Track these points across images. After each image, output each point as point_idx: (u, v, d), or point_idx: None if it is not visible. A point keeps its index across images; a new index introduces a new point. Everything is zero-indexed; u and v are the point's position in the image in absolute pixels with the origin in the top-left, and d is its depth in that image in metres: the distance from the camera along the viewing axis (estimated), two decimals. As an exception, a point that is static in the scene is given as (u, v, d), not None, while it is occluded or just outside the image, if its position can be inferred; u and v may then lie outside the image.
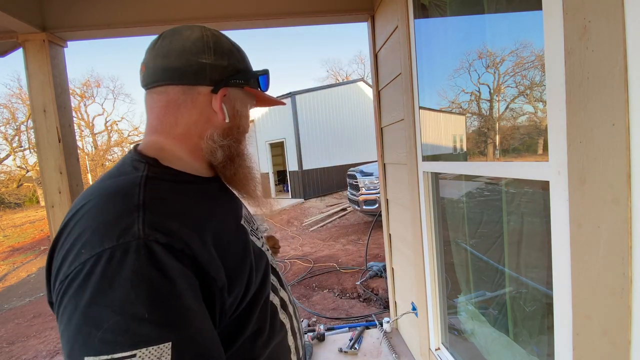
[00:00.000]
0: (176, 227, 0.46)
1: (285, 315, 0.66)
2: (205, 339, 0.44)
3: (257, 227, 0.71)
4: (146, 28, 1.99)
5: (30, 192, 23.82)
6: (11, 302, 5.59)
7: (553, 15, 0.74)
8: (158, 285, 0.41)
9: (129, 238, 0.42)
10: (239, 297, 0.52)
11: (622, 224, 0.59)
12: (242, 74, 0.63)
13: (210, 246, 0.49)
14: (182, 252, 0.45)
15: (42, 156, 1.91)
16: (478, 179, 1.56)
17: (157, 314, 0.40)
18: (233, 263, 0.52)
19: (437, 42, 1.59)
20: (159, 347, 0.39)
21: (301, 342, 0.72)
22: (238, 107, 0.63)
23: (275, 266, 0.71)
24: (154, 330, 0.39)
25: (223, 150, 0.61)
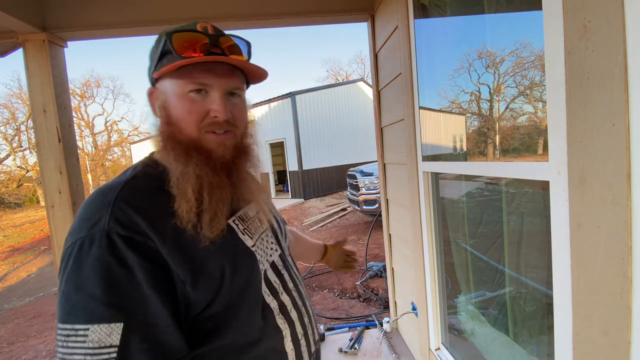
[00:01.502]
0: (139, 221, 0.50)
1: (284, 319, 0.64)
2: (157, 325, 0.48)
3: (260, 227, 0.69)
4: (146, 28, 1.99)
5: (30, 192, 23.81)
6: (11, 302, 5.59)
7: (553, 15, 0.74)
8: (114, 271, 0.47)
9: (96, 230, 0.48)
10: (210, 293, 0.54)
11: (622, 224, 0.59)
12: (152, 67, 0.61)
13: (171, 240, 0.52)
14: (142, 244, 0.49)
15: (42, 156, 1.91)
16: (478, 179, 1.56)
17: (110, 296, 0.46)
18: (197, 256, 0.54)
19: (437, 42, 1.59)
20: (109, 326, 0.45)
21: (308, 350, 0.69)
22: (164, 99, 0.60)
23: (281, 268, 0.69)
24: (107, 311, 0.46)
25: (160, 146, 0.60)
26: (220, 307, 0.56)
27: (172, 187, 0.56)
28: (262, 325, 0.60)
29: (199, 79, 0.57)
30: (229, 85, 0.60)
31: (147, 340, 0.47)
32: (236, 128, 0.63)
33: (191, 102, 0.58)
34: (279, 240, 0.73)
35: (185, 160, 0.57)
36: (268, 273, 0.65)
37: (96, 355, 0.44)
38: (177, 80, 0.57)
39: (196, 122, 0.58)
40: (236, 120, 0.62)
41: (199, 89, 0.58)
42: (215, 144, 0.59)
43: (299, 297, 0.70)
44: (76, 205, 1.98)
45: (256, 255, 0.63)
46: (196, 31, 0.57)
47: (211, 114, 0.58)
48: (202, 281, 0.53)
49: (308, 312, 0.72)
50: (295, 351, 0.65)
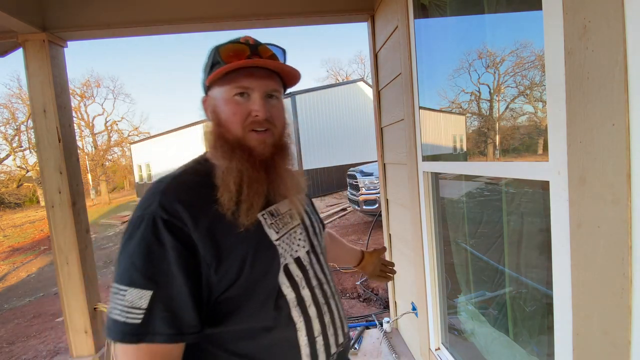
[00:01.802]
0: (179, 209, 0.59)
1: (300, 313, 0.66)
2: (181, 302, 0.57)
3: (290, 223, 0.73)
4: (146, 28, 1.99)
5: (30, 192, 23.81)
6: (11, 302, 5.59)
7: (553, 15, 0.74)
8: (153, 249, 0.56)
9: (147, 211, 0.59)
10: (231, 278, 0.61)
11: (622, 224, 0.59)
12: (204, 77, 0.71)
13: (204, 229, 0.60)
14: (179, 228, 0.58)
15: (42, 156, 1.91)
16: (478, 179, 1.56)
17: (147, 269, 0.56)
18: (223, 244, 0.61)
19: (437, 42, 1.59)
20: (141, 291, 0.55)
21: (326, 350, 0.69)
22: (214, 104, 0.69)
23: (307, 264, 0.72)
24: (142, 279, 0.55)
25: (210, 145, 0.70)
26: (237, 292, 0.62)
27: (217, 179, 0.64)
28: (275, 314, 0.64)
29: (241, 83, 0.65)
30: (267, 87, 0.68)
31: (168, 310, 0.56)
32: (274, 127, 0.69)
33: (236, 104, 0.66)
34: (310, 238, 0.76)
35: (230, 156, 0.65)
36: (290, 267, 0.68)
37: (129, 312, 0.54)
38: (224, 86, 0.67)
39: (240, 122, 0.66)
40: (274, 119, 0.69)
41: (242, 92, 0.66)
42: (256, 142, 0.67)
43: (322, 295, 0.72)
44: (76, 205, 1.98)
45: (278, 249, 0.67)
46: (239, 43, 0.67)
47: (252, 113, 0.66)
48: (224, 266, 0.60)
49: (332, 312, 0.73)
50: (310, 347, 0.67)
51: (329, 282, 0.76)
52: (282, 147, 0.72)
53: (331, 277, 0.79)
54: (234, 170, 0.64)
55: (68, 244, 1.96)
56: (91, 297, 2.03)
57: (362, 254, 1.12)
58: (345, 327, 0.78)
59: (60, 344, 3.49)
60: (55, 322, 4.19)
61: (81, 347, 2.01)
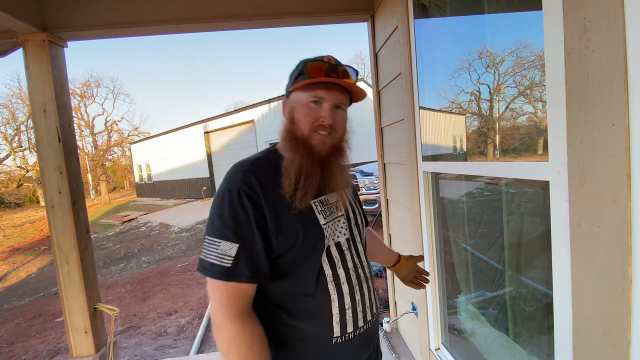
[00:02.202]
0: (256, 185, 0.76)
1: (334, 288, 0.81)
2: (258, 253, 0.74)
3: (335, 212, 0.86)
4: (146, 28, 1.99)
5: (30, 192, 23.81)
6: (11, 302, 5.59)
7: (553, 15, 0.74)
8: (239, 213, 0.74)
9: (233, 186, 0.77)
10: (286, 247, 0.77)
11: (622, 224, 0.59)
12: (289, 83, 0.86)
13: (271, 204, 0.76)
14: (255, 200, 0.75)
15: (42, 156, 1.91)
16: (478, 179, 1.56)
17: (235, 227, 0.74)
18: (284, 219, 0.77)
19: (437, 42, 1.59)
20: (231, 244, 0.73)
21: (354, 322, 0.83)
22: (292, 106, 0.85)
23: (345, 249, 0.85)
24: (232, 234, 0.73)
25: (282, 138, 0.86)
26: (290, 260, 0.78)
27: (283, 167, 0.80)
28: (315, 284, 0.79)
29: (317, 93, 0.80)
30: (337, 99, 0.82)
31: (249, 258, 0.74)
32: (336, 132, 0.84)
33: (310, 109, 0.81)
34: (351, 228, 0.89)
35: (295, 150, 0.81)
36: (331, 249, 0.82)
37: (221, 258, 0.73)
38: (304, 93, 0.81)
39: (309, 123, 0.81)
40: (337, 126, 0.83)
41: (316, 100, 0.81)
42: (318, 142, 0.81)
43: (356, 277, 0.85)
44: (76, 205, 1.98)
45: (324, 232, 0.81)
46: (322, 61, 0.82)
47: (321, 119, 0.81)
48: (282, 236, 0.77)
49: (362, 293, 0.86)
50: (340, 316, 0.81)
51: (364, 268, 0.89)
52: (339, 149, 0.86)
53: (367, 264, 0.92)
54: (296, 163, 0.79)
55: (68, 244, 1.96)
56: (91, 297, 2.03)
57: (399, 257, 1.20)
58: (375, 309, 0.91)
59: (60, 344, 3.49)
60: (55, 322, 4.19)
61: (81, 347, 2.01)
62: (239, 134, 13.37)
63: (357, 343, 0.85)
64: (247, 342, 0.72)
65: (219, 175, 14.67)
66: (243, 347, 0.71)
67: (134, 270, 6.30)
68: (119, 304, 4.38)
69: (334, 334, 0.81)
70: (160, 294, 4.69)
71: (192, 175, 15.70)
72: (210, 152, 14.83)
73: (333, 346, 0.81)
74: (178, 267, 5.95)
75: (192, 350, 2.93)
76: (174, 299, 4.41)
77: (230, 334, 0.72)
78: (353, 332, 0.83)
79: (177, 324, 3.64)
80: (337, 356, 0.83)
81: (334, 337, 0.81)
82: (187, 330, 3.45)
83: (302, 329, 0.80)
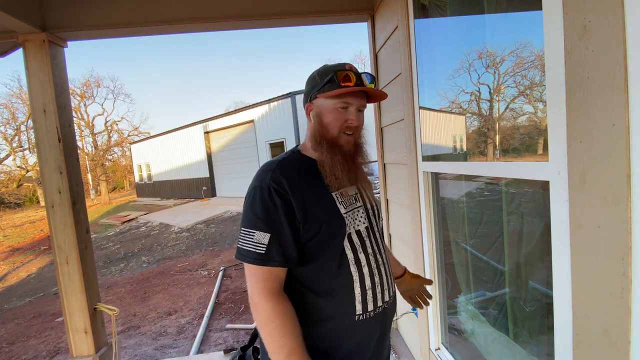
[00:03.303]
0: (284, 181, 0.86)
1: (356, 270, 0.90)
2: (287, 241, 0.84)
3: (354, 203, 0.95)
4: (146, 28, 1.99)
5: (30, 192, 23.82)
6: (11, 302, 5.59)
7: (553, 15, 0.74)
8: (269, 206, 0.84)
9: (263, 183, 0.87)
10: (312, 234, 0.86)
11: (622, 224, 0.59)
12: (315, 90, 0.94)
13: (298, 197, 0.86)
14: (283, 195, 0.85)
15: (42, 156, 1.91)
16: (478, 179, 1.56)
17: (266, 219, 0.84)
18: (309, 210, 0.86)
19: (437, 42, 1.59)
20: (264, 234, 0.84)
21: (374, 301, 0.91)
22: (318, 111, 0.94)
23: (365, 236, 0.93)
24: (263, 225, 0.84)
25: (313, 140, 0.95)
26: (316, 245, 0.87)
27: (319, 166, 0.92)
28: (338, 266, 0.88)
29: (346, 100, 0.91)
30: (361, 104, 0.94)
31: (280, 245, 0.84)
32: (358, 131, 0.95)
33: (339, 113, 0.91)
34: (370, 218, 0.98)
35: (327, 150, 0.91)
36: (352, 236, 0.91)
37: (256, 246, 0.83)
38: (333, 100, 0.91)
39: (339, 126, 0.91)
40: (359, 127, 0.95)
41: (345, 106, 0.91)
42: (345, 142, 0.93)
43: (374, 261, 0.94)
44: (76, 205, 1.98)
45: (345, 220, 0.90)
46: (349, 70, 0.91)
47: (349, 121, 0.92)
48: (308, 224, 0.86)
49: (381, 275, 0.95)
50: (361, 296, 0.90)
51: (382, 254, 0.97)
52: (360, 146, 0.97)
53: (384, 250, 1.00)
54: (329, 161, 0.91)
55: (68, 244, 1.96)
56: (91, 297, 2.03)
57: (404, 271, 1.24)
58: (392, 291, 0.99)
59: (60, 344, 3.49)
60: (55, 322, 4.19)
61: (81, 347, 2.01)
62: (239, 134, 13.36)
63: (377, 320, 0.93)
64: (280, 318, 0.81)
65: (219, 175, 14.66)
66: (277, 323, 0.81)
67: (134, 270, 6.30)
68: (119, 304, 4.38)
69: (356, 312, 0.90)
70: (160, 294, 4.69)
71: (192, 175, 15.69)
72: (210, 152, 14.82)
73: (356, 323, 0.90)
74: (178, 267, 5.95)
75: (192, 350, 2.93)
76: (174, 299, 4.41)
77: (267, 311, 0.81)
78: (373, 311, 0.92)
79: (177, 324, 3.64)
80: (361, 331, 0.91)
81: (356, 315, 0.90)
82: (187, 330, 3.45)
83: (328, 307, 0.89)
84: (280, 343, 0.80)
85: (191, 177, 15.75)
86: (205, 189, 14.79)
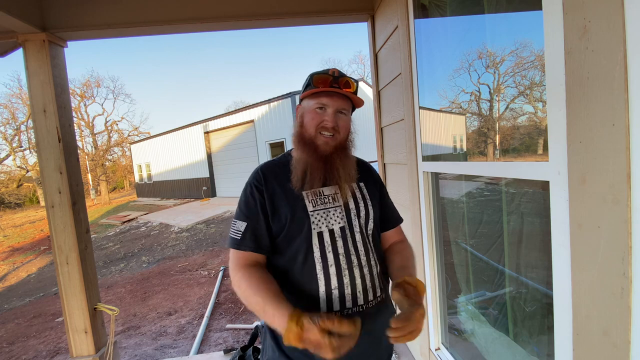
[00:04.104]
0: (262, 179, 0.96)
1: (322, 268, 0.91)
2: (261, 231, 0.93)
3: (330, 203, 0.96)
4: (146, 28, 1.99)
5: (30, 192, 23.82)
6: (11, 302, 5.59)
7: (553, 15, 0.74)
8: (249, 199, 0.95)
9: (249, 180, 0.98)
10: (279, 227, 0.93)
11: (622, 224, 0.59)
12: (301, 93, 1.00)
13: (270, 191, 0.95)
14: (261, 189, 0.95)
15: (42, 156, 1.91)
16: (478, 179, 1.56)
17: (245, 210, 0.95)
18: (276, 204, 0.94)
19: (437, 42, 1.59)
20: (242, 223, 0.93)
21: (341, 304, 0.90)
22: (302, 112, 1.00)
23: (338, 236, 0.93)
24: (243, 216, 0.94)
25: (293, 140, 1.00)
26: (283, 238, 0.93)
27: (291, 164, 0.97)
28: (303, 262, 0.91)
29: (321, 100, 0.95)
30: (339, 106, 0.95)
31: (254, 233, 0.92)
32: (339, 134, 0.96)
33: (315, 113, 0.95)
34: (350, 218, 0.97)
35: (302, 149, 0.96)
36: (324, 234, 0.93)
37: (236, 233, 0.93)
38: (311, 101, 0.96)
39: (315, 125, 0.95)
40: (340, 128, 0.96)
41: (321, 107, 0.95)
42: (322, 142, 0.95)
43: (346, 262, 0.92)
44: (76, 205, 1.98)
45: (311, 218, 0.93)
46: (327, 73, 0.96)
47: (324, 122, 0.95)
48: (276, 218, 0.93)
49: (353, 277, 0.92)
50: (326, 295, 0.90)
51: (359, 255, 0.95)
52: (342, 149, 0.98)
53: (365, 252, 0.96)
54: (302, 160, 0.95)
55: (68, 244, 1.96)
56: (91, 297, 2.03)
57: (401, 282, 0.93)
58: (369, 295, 0.94)
59: (60, 344, 3.49)
60: (55, 322, 4.19)
61: (81, 347, 2.01)
62: (239, 134, 13.35)
63: None
64: (248, 280, 0.87)
65: (219, 175, 14.66)
66: (245, 285, 0.86)
67: (134, 270, 6.30)
68: (119, 304, 4.38)
69: (320, 310, 0.90)
70: (160, 294, 4.69)
71: (192, 175, 15.69)
72: (210, 152, 14.82)
73: None
74: (178, 267, 5.95)
75: (192, 350, 2.93)
76: (174, 299, 4.41)
77: (235, 279, 0.89)
78: (340, 312, 0.90)
79: (177, 324, 3.64)
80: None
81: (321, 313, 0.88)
82: (187, 330, 3.45)
83: (294, 302, 0.86)
84: (251, 302, 0.85)
85: (191, 177, 15.75)
86: (206, 189, 14.78)
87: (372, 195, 1.05)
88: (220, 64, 69.60)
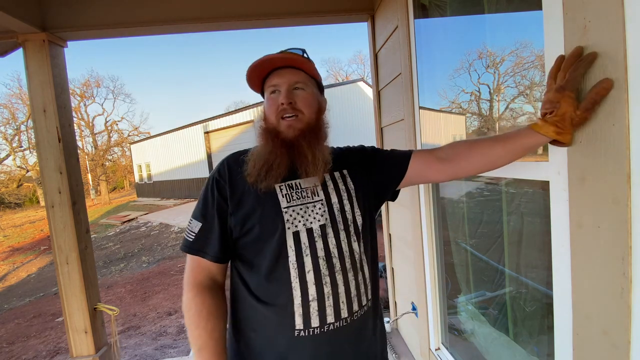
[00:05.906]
0: (226, 172, 0.84)
1: (297, 275, 0.77)
2: (213, 235, 0.81)
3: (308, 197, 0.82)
4: (146, 28, 1.99)
5: (30, 192, 23.81)
6: (11, 302, 5.59)
7: (553, 15, 0.74)
8: (208, 197, 0.83)
9: (212, 173, 0.87)
10: (239, 225, 0.80)
11: (622, 224, 0.59)
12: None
13: (234, 184, 0.82)
14: (222, 185, 0.83)
15: (42, 156, 1.91)
16: (478, 179, 1.56)
17: (202, 210, 0.83)
18: (242, 200, 0.81)
19: (437, 42, 1.58)
20: (198, 222, 0.82)
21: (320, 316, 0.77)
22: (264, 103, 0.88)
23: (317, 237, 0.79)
24: (199, 214, 0.83)
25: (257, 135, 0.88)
26: (250, 240, 0.81)
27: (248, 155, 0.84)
28: (275, 269, 0.78)
29: (271, 82, 0.84)
30: (291, 81, 0.83)
31: (207, 237, 0.81)
32: (302, 113, 0.82)
33: (271, 100, 0.84)
34: (332, 214, 0.82)
35: (264, 139, 0.84)
36: (301, 234, 0.79)
37: (189, 234, 0.83)
38: (266, 90, 0.87)
39: (274, 112, 0.83)
40: (299, 106, 0.82)
41: (274, 90, 0.84)
42: (285, 127, 0.82)
43: (326, 266, 0.78)
44: (76, 205, 1.98)
45: (284, 215, 0.79)
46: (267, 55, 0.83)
47: (280, 105, 0.82)
48: (239, 214, 0.80)
49: (335, 285, 0.79)
50: (302, 307, 0.76)
51: (341, 258, 0.80)
52: (311, 130, 0.83)
53: (350, 254, 0.82)
54: (260, 149, 0.83)
55: (68, 244, 1.96)
56: (91, 297, 2.03)
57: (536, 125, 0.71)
58: (354, 305, 0.81)
59: (60, 344, 3.49)
60: (55, 322, 4.19)
61: (81, 347, 2.01)
62: (239, 133, 13.35)
63: (327, 339, 0.78)
64: (196, 310, 0.78)
65: (219, 175, 14.64)
66: (192, 313, 0.78)
67: (134, 270, 6.30)
68: (119, 304, 4.38)
69: (295, 326, 0.76)
70: (160, 294, 4.69)
71: (192, 175, 15.68)
72: (210, 152, 14.82)
73: (297, 339, 0.76)
74: (178, 267, 5.95)
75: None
76: (174, 299, 4.41)
77: (185, 301, 0.80)
78: (319, 328, 0.77)
79: (177, 324, 3.63)
80: (299, 351, 0.77)
81: (296, 329, 0.76)
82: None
83: (265, 314, 0.79)
84: (193, 334, 0.78)
85: (191, 177, 15.75)
86: (205, 189, 14.78)
87: (358, 184, 0.89)
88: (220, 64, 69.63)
